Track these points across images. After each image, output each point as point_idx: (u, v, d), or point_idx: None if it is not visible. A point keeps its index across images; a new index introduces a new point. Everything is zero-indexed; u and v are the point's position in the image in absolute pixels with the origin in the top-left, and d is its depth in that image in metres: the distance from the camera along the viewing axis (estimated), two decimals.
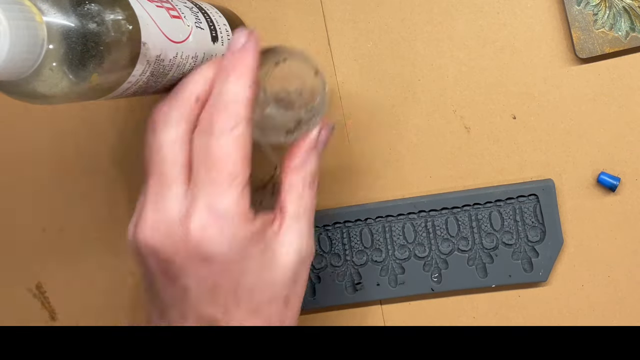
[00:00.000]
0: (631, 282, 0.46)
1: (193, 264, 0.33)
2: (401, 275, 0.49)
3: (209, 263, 0.33)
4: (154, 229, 0.34)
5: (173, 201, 0.34)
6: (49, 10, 0.28)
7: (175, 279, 0.34)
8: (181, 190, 0.34)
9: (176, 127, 0.34)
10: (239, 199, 0.33)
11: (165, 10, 0.36)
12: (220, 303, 0.34)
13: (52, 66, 0.28)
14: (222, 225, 0.33)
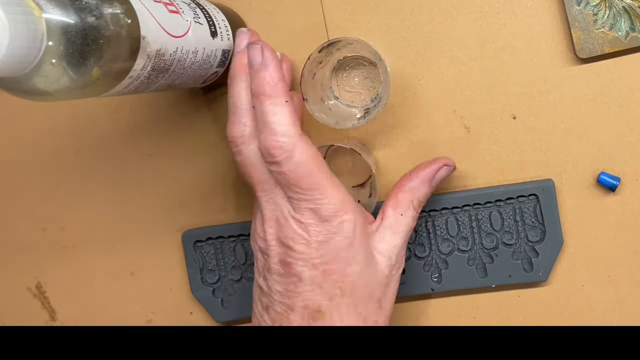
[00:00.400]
0: (631, 282, 0.46)
1: (310, 248, 0.38)
2: (401, 275, 0.49)
3: (326, 244, 0.38)
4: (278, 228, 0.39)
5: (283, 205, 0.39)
6: (47, 5, 0.28)
7: (292, 266, 0.38)
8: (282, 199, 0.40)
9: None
10: (337, 193, 0.39)
11: (163, 5, 0.36)
12: (327, 290, 0.38)
13: (52, 62, 0.28)
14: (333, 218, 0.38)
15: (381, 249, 0.40)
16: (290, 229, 0.38)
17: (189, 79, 0.41)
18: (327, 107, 0.46)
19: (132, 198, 0.53)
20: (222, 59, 0.43)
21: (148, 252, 0.53)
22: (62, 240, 0.55)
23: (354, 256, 0.38)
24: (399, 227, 0.41)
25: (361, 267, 0.39)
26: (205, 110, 0.51)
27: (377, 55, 0.42)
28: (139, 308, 0.54)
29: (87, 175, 0.54)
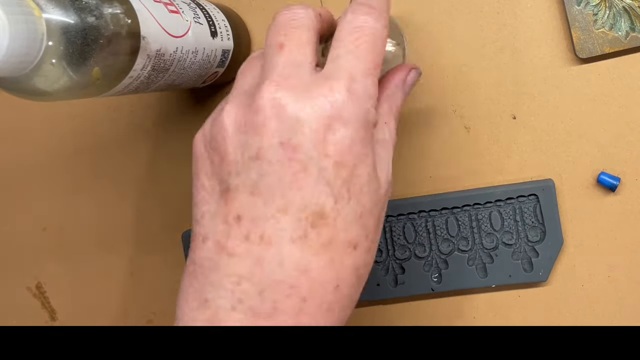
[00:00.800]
0: (631, 282, 0.46)
1: (326, 131, 0.30)
2: (401, 275, 0.49)
3: (346, 128, 0.30)
4: (290, 89, 0.30)
5: (305, 74, 0.32)
6: (47, 5, 0.28)
7: (296, 151, 0.30)
8: (310, 68, 0.32)
9: (304, 19, 0.33)
10: (377, 86, 0.32)
11: (163, 5, 0.36)
12: (334, 189, 0.30)
13: (52, 62, 0.28)
14: (364, 96, 0.31)
15: (382, 165, 0.34)
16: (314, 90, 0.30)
17: (189, 79, 0.41)
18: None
19: (132, 198, 0.53)
20: (222, 59, 0.43)
21: (148, 252, 0.53)
22: (62, 240, 0.55)
23: (367, 154, 0.31)
24: (386, 136, 0.35)
25: (369, 170, 0.32)
26: (205, 110, 0.51)
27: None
28: (139, 308, 0.54)
29: (86, 175, 0.54)
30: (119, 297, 0.54)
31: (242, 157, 0.30)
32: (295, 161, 0.29)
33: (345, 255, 0.31)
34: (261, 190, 0.30)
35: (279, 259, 0.30)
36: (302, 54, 0.32)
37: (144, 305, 0.54)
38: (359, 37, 0.32)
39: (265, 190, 0.30)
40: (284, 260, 0.30)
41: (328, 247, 0.31)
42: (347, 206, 0.31)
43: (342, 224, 0.31)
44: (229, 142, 0.30)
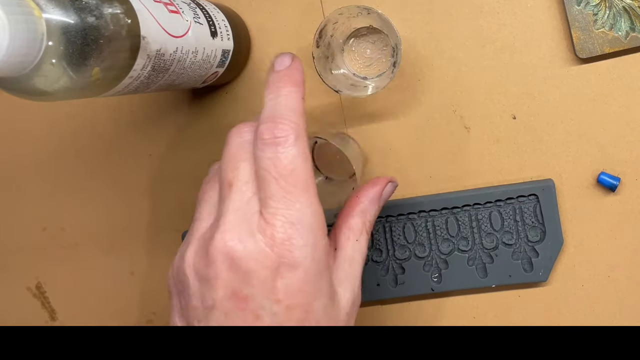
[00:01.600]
0: (631, 282, 0.46)
1: (274, 278, 0.32)
2: (401, 275, 0.49)
3: (293, 272, 0.32)
4: (238, 241, 0.32)
5: (252, 214, 0.33)
6: (47, 5, 0.28)
7: (247, 301, 0.32)
8: (257, 201, 0.33)
9: (249, 147, 0.34)
10: (315, 208, 0.33)
11: (163, 5, 0.36)
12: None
13: (52, 62, 0.28)
14: (306, 234, 0.32)
15: (341, 282, 0.35)
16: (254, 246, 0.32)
17: (189, 79, 0.41)
18: (338, 76, 0.46)
19: (132, 198, 0.53)
20: (222, 59, 0.43)
21: (148, 252, 0.53)
22: (62, 240, 0.55)
23: (320, 288, 0.33)
24: (355, 254, 0.37)
25: (326, 301, 0.33)
26: (205, 110, 0.51)
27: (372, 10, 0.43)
28: (139, 308, 0.54)
29: (87, 175, 0.54)
30: (119, 297, 0.54)
31: (201, 304, 0.33)
32: (248, 311, 0.32)
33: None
34: None
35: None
36: (250, 189, 0.33)
37: (144, 305, 0.54)
38: (277, 177, 0.33)
39: None
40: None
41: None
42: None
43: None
44: (191, 290, 0.33)
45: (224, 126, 0.50)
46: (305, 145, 0.34)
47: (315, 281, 0.33)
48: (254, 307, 0.32)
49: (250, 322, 0.32)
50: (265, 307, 0.32)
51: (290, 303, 0.32)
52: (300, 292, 0.32)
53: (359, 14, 0.44)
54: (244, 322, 0.32)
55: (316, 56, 0.43)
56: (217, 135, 0.50)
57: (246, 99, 0.49)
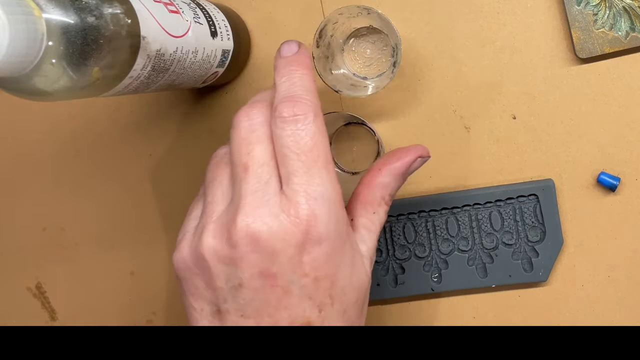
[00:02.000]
0: (631, 282, 0.46)
1: (301, 254, 0.32)
2: (401, 275, 0.49)
3: (319, 246, 0.33)
4: (262, 222, 0.32)
5: (273, 195, 0.33)
6: (47, 5, 0.28)
7: (276, 278, 0.32)
8: (276, 182, 0.34)
9: (260, 129, 0.34)
10: (335, 183, 0.34)
11: (163, 5, 0.36)
12: (317, 300, 0.33)
13: (52, 62, 0.28)
14: (328, 208, 0.33)
15: (361, 250, 0.37)
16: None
17: (189, 79, 0.41)
18: (337, 76, 0.47)
19: (132, 198, 0.53)
20: (222, 59, 0.43)
21: (148, 252, 0.53)
22: (62, 240, 0.55)
23: (344, 257, 0.34)
24: (372, 225, 0.38)
25: (350, 269, 0.35)
26: (205, 110, 0.51)
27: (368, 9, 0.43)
28: (139, 308, 0.54)
29: (87, 175, 0.54)
30: (119, 297, 0.54)
31: (226, 284, 0.33)
32: (277, 287, 0.32)
33: None
34: (250, 313, 0.33)
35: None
36: (266, 172, 0.34)
37: (144, 305, 0.54)
38: (299, 153, 0.33)
39: (254, 313, 0.33)
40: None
41: None
42: (331, 310, 0.34)
43: (328, 324, 0.34)
44: (213, 272, 0.33)
45: (224, 126, 0.50)
46: (323, 123, 0.34)
47: (339, 252, 0.34)
48: (283, 282, 0.32)
49: (280, 296, 0.32)
50: (294, 281, 0.33)
51: (318, 275, 0.33)
52: (326, 264, 0.33)
53: (359, 14, 0.44)
54: (275, 297, 0.32)
55: (316, 56, 0.43)
56: (217, 136, 0.50)
57: (246, 99, 0.49)
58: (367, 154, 0.49)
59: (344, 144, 0.49)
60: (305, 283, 0.33)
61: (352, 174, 0.49)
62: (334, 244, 0.33)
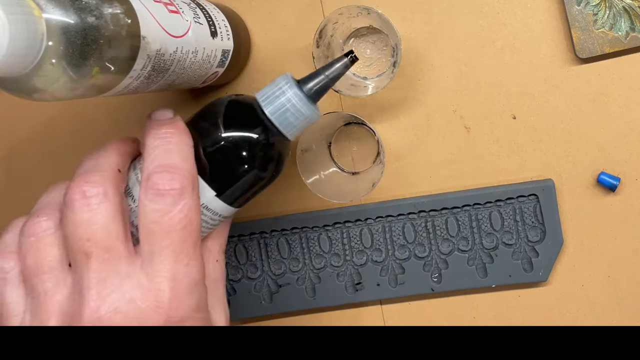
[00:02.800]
0: (631, 282, 0.46)
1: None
2: (401, 275, 0.49)
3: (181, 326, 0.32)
4: (114, 310, 0.30)
5: (126, 277, 0.31)
6: (47, 5, 0.28)
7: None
8: (127, 261, 0.31)
9: (113, 200, 0.31)
10: (200, 260, 0.32)
11: (163, 5, 0.36)
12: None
13: (52, 62, 0.28)
14: (193, 290, 0.31)
15: (213, 306, 0.35)
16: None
17: (189, 79, 0.41)
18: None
19: None
20: (222, 59, 0.43)
21: None
22: None
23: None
24: (217, 275, 0.36)
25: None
26: None
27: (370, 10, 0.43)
28: None
29: None
30: None
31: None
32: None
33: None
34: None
35: None
36: (115, 256, 0.31)
37: None
38: (170, 231, 0.31)
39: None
40: None
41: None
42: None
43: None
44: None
45: None
46: (198, 196, 0.32)
47: (200, 323, 0.33)
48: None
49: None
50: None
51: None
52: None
53: (359, 14, 0.44)
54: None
55: (316, 56, 0.43)
56: None
57: None
58: (367, 154, 0.49)
59: (344, 144, 0.49)
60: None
61: (352, 174, 0.49)
62: (196, 321, 0.32)
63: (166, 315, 0.30)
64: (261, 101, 0.35)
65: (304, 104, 0.35)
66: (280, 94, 0.35)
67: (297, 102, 0.35)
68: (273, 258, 0.50)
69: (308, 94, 0.35)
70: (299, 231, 0.49)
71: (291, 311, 0.51)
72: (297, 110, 0.35)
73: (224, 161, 0.34)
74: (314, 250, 0.49)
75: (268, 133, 0.35)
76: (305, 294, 0.50)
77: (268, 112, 0.35)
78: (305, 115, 0.35)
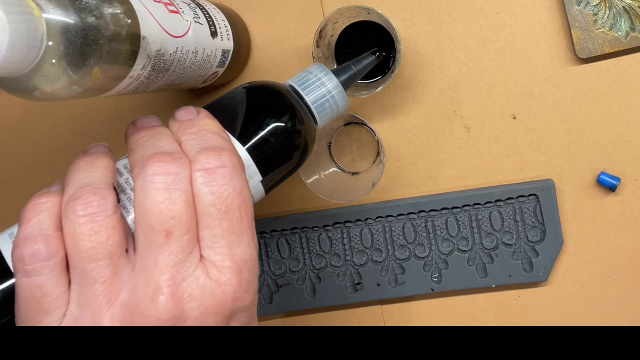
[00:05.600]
0: (631, 282, 0.46)
1: (229, 321, 0.31)
2: (401, 275, 0.49)
3: (247, 311, 0.31)
4: (190, 298, 0.29)
5: (197, 263, 0.30)
6: (47, 5, 0.28)
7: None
8: (197, 247, 0.30)
9: (184, 186, 0.30)
10: (255, 238, 0.31)
11: (164, 5, 0.36)
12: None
13: (52, 62, 0.28)
14: (254, 270, 0.31)
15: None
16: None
17: (189, 79, 0.41)
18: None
19: None
20: (222, 59, 0.43)
21: None
22: None
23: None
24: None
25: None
26: None
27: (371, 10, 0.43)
28: None
29: None
30: None
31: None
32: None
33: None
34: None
35: None
36: (191, 239, 0.29)
37: None
38: (226, 211, 0.30)
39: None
40: None
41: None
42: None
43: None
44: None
45: None
46: (246, 175, 0.31)
47: (255, 310, 0.32)
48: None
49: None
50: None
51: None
52: (253, 320, 0.32)
53: (359, 14, 0.44)
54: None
55: (316, 56, 0.43)
56: None
57: None
58: (367, 154, 0.49)
59: (344, 144, 0.49)
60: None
61: (352, 174, 0.49)
62: (255, 303, 0.31)
63: (235, 297, 0.29)
64: (301, 89, 0.36)
65: (342, 96, 0.37)
66: (320, 84, 0.36)
67: (337, 94, 0.37)
68: (273, 258, 0.50)
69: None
70: (299, 231, 0.49)
71: (291, 311, 0.51)
72: (335, 102, 0.37)
73: (274, 147, 0.34)
74: (314, 250, 0.49)
75: (304, 121, 0.36)
76: (305, 294, 0.50)
77: (309, 100, 0.36)
78: (340, 107, 0.37)
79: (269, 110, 0.35)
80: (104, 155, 0.32)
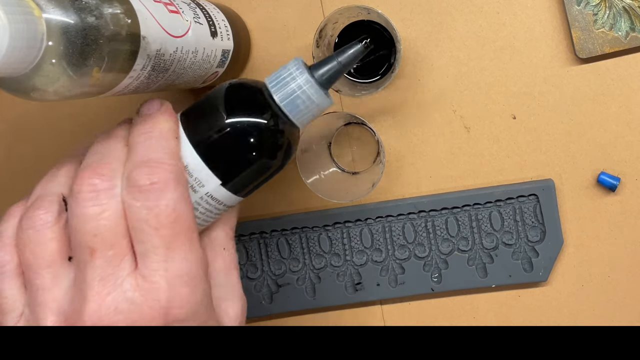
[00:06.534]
0: (631, 282, 0.46)
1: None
2: (401, 275, 0.49)
3: (184, 325, 0.31)
4: (116, 311, 0.29)
5: (127, 277, 0.30)
6: (47, 5, 0.28)
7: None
8: (130, 261, 0.30)
9: (109, 200, 0.30)
10: (199, 254, 0.31)
11: (164, 5, 0.36)
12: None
13: (52, 62, 0.28)
14: (192, 285, 0.30)
15: (225, 297, 0.35)
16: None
17: (189, 79, 0.41)
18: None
19: None
20: (222, 59, 0.43)
21: None
22: None
23: (208, 321, 0.33)
24: (227, 263, 0.35)
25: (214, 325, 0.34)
26: None
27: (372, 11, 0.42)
28: None
29: None
30: None
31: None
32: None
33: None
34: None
35: None
36: (118, 254, 0.30)
37: None
38: (158, 227, 0.29)
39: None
40: None
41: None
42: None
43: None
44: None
45: None
46: (186, 188, 0.30)
47: (204, 320, 0.31)
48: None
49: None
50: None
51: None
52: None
53: (359, 14, 0.44)
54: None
55: (316, 56, 0.43)
56: None
57: None
58: (367, 154, 0.49)
59: (344, 144, 0.49)
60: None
61: (352, 174, 0.49)
62: (199, 318, 0.31)
63: (165, 313, 0.30)
64: (270, 86, 0.34)
65: (315, 90, 0.33)
66: (291, 79, 0.33)
67: (308, 89, 0.33)
68: (273, 258, 0.50)
69: (319, 81, 0.34)
70: (299, 231, 0.49)
71: (291, 311, 0.51)
72: (308, 97, 0.33)
73: (230, 148, 0.33)
74: (314, 250, 0.49)
75: (277, 119, 0.33)
76: (305, 294, 0.50)
77: (277, 98, 0.33)
78: (316, 103, 0.34)
79: (227, 110, 0.33)
80: (73, 160, 0.34)
